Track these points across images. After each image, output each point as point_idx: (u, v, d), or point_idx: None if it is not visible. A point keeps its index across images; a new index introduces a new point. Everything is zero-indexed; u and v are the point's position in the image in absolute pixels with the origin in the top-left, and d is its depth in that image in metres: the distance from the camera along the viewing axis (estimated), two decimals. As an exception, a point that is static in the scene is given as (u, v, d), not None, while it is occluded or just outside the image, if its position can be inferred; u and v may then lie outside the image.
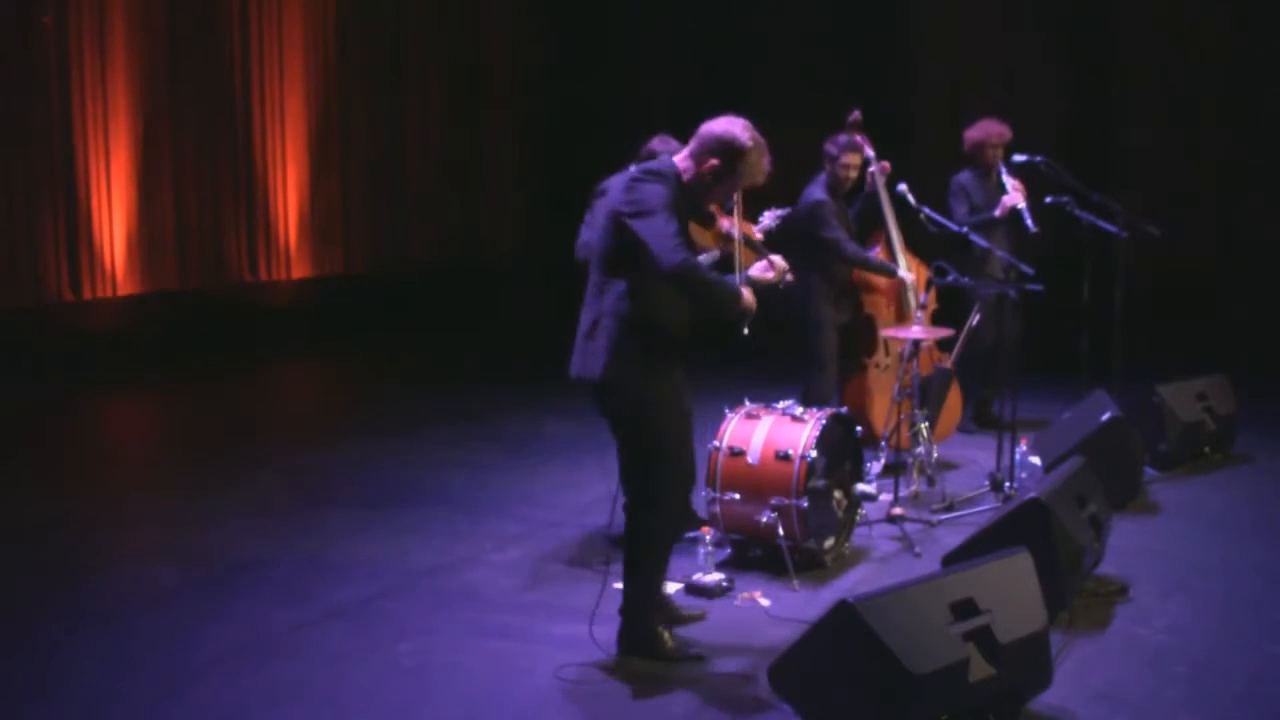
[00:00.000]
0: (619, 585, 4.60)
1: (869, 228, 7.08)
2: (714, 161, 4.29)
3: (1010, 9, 11.25)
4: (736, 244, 4.48)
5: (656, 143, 5.45)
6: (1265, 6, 10.30)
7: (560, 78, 12.95)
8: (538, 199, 13.08)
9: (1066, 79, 11.08)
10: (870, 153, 6.86)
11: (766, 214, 5.82)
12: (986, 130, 7.55)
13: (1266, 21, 10.30)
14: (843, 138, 6.74)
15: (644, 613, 4.53)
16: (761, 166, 4.32)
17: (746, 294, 4.35)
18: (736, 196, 4.47)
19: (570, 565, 5.49)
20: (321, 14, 11.51)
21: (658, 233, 4.16)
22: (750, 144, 4.28)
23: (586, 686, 4.32)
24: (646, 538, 4.50)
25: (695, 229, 4.45)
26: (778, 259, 4.54)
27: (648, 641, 4.51)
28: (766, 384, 7.47)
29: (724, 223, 4.56)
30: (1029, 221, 7.18)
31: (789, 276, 4.58)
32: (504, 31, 13.12)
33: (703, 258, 4.44)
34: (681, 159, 4.38)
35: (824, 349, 6.76)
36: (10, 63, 9.17)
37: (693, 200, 4.38)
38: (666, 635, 4.53)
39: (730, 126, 4.29)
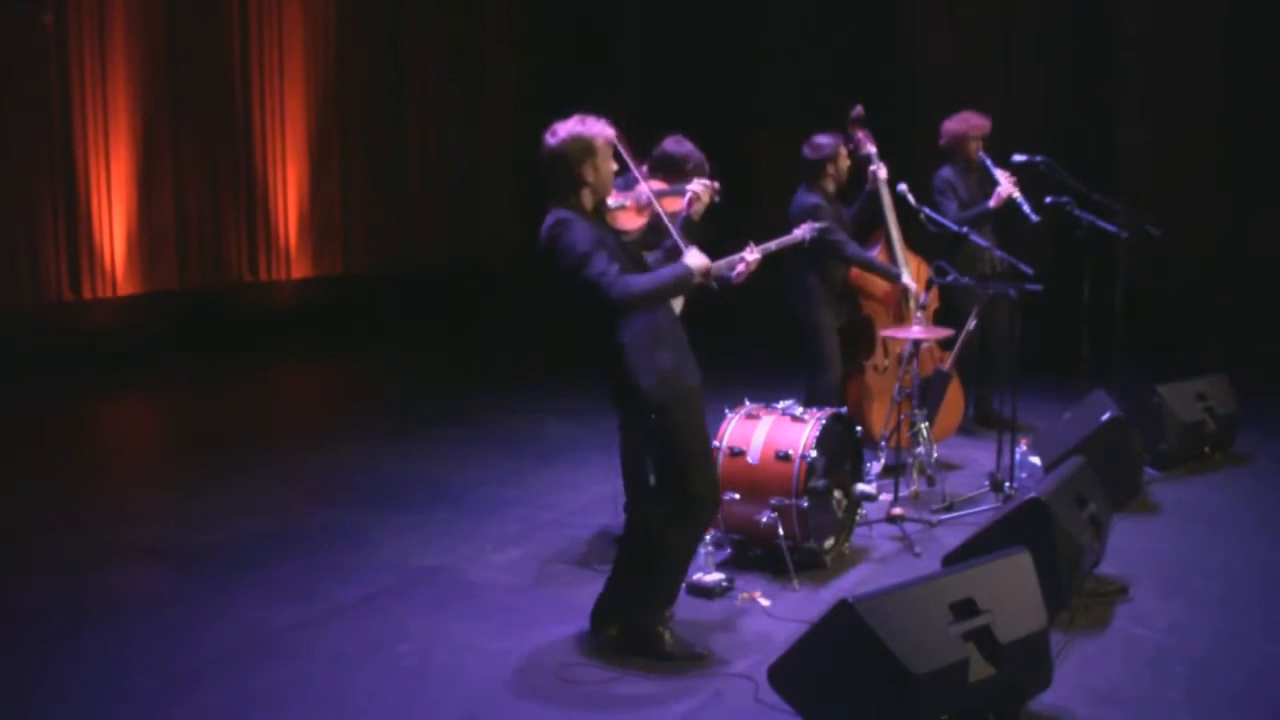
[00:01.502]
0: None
1: (869, 228, 7.07)
2: (582, 167, 4.38)
3: (1009, 7, 11.24)
4: (655, 201, 4.60)
5: (669, 143, 5.47)
6: (1264, 3, 10.30)
7: (560, 78, 12.95)
8: (538, 199, 13.06)
9: (1066, 77, 11.08)
10: (872, 149, 6.85)
11: (803, 226, 5.82)
12: (968, 122, 7.49)
13: (1266, 18, 10.30)
14: (827, 137, 6.72)
15: (645, 612, 4.54)
16: (602, 129, 4.41)
17: (697, 262, 4.40)
18: (633, 169, 4.56)
19: (570, 565, 5.49)
20: (321, 14, 11.51)
21: (596, 276, 4.25)
22: (583, 128, 4.38)
23: (587, 687, 4.32)
24: (663, 534, 4.49)
25: (620, 215, 4.55)
26: (697, 185, 4.66)
27: (648, 641, 4.52)
28: (767, 384, 7.46)
29: (641, 191, 4.61)
30: (1028, 210, 7.14)
31: (717, 186, 4.71)
32: (504, 32, 13.13)
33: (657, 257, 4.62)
34: (559, 199, 4.42)
35: (826, 349, 6.75)
36: (10, 63, 9.17)
37: (601, 211, 4.48)
38: (667, 634, 4.53)
39: (564, 134, 4.38)
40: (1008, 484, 6.26)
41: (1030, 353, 6.56)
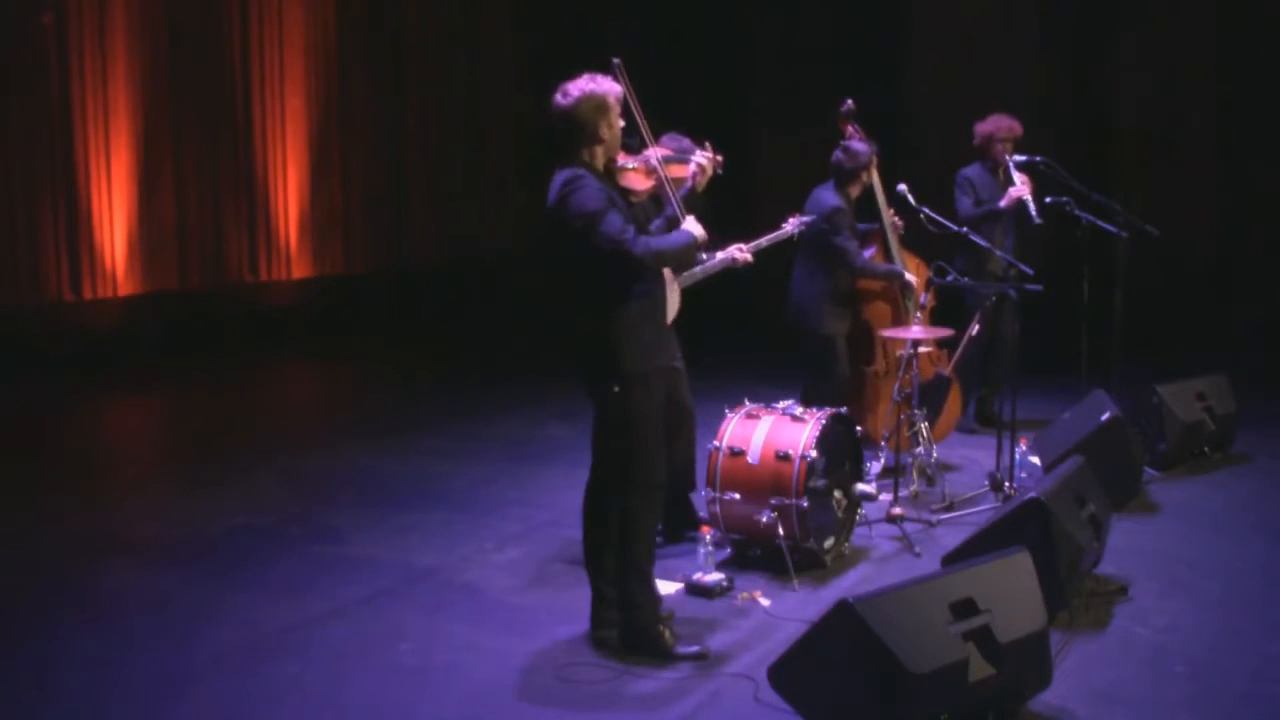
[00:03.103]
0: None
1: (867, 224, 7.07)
2: (597, 125, 4.45)
3: (1009, 7, 11.24)
4: (661, 167, 4.67)
5: (666, 140, 5.47)
6: (1266, 3, 10.31)
7: (559, 78, 12.95)
8: (538, 199, 13.06)
9: (1065, 77, 11.08)
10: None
11: (791, 219, 5.82)
12: (997, 124, 7.53)
13: (1265, 17, 10.30)
14: (859, 147, 6.70)
15: (645, 611, 4.54)
16: (611, 85, 4.50)
17: (698, 230, 4.52)
18: (643, 128, 4.62)
19: (570, 565, 5.48)
20: (321, 14, 11.51)
21: (615, 234, 4.32)
22: (595, 85, 4.48)
23: (586, 686, 4.32)
24: (629, 523, 4.52)
25: (630, 174, 4.61)
26: (701, 157, 4.72)
27: (649, 640, 4.52)
28: (767, 384, 7.46)
29: (649, 155, 4.66)
30: (1033, 212, 7.15)
31: (720, 159, 4.79)
32: (504, 31, 13.12)
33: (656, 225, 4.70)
34: (570, 158, 4.50)
35: (834, 352, 6.74)
36: (10, 63, 9.17)
37: (611, 170, 4.56)
38: (668, 634, 4.53)
39: (577, 93, 4.48)
40: (1007, 484, 6.26)
41: (1030, 353, 6.56)
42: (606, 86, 4.47)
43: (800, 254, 6.79)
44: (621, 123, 4.53)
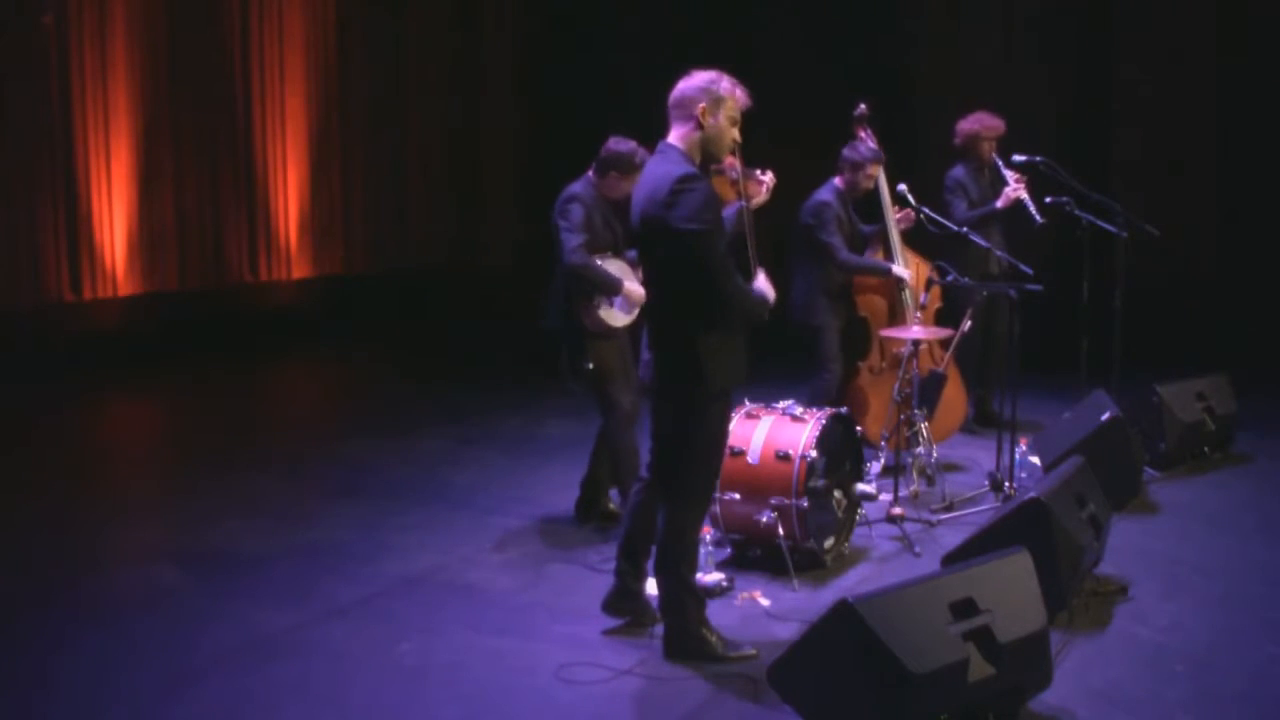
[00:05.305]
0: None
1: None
2: (701, 108, 4.34)
3: (1010, 8, 11.24)
4: (741, 181, 4.63)
5: (612, 143, 5.73)
6: (1264, 6, 10.31)
7: (560, 79, 12.96)
8: (538, 200, 13.07)
9: (1066, 78, 11.08)
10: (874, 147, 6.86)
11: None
12: (982, 122, 7.50)
13: (1265, 21, 10.31)
14: (866, 148, 6.73)
15: (691, 618, 4.52)
16: (733, 88, 4.41)
17: (770, 293, 4.51)
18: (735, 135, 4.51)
19: (570, 565, 5.49)
20: (321, 14, 11.51)
21: (720, 259, 4.26)
22: (716, 79, 4.39)
23: (586, 686, 4.32)
24: (682, 538, 4.50)
25: (719, 181, 4.56)
26: (765, 177, 4.70)
27: (694, 644, 4.50)
28: (767, 384, 7.46)
29: (733, 166, 4.64)
30: (1033, 212, 7.14)
31: (768, 178, 4.79)
32: (505, 33, 13.13)
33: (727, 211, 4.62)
34: (678, 137, 4.39)
35: (826, 349, 6.77)
36: (10, 63, 9.18)
37: (706, 170, 4.47)
38: (714, 637, 4.51)
39: (695, 77, 4.40)
40: (1008, 484, 6.26)
41: (1030, 353, 6.56)
42: (727, 86, 4.37)
43: (791, 250, 6.83)
44: (737, 136, 4.44)
